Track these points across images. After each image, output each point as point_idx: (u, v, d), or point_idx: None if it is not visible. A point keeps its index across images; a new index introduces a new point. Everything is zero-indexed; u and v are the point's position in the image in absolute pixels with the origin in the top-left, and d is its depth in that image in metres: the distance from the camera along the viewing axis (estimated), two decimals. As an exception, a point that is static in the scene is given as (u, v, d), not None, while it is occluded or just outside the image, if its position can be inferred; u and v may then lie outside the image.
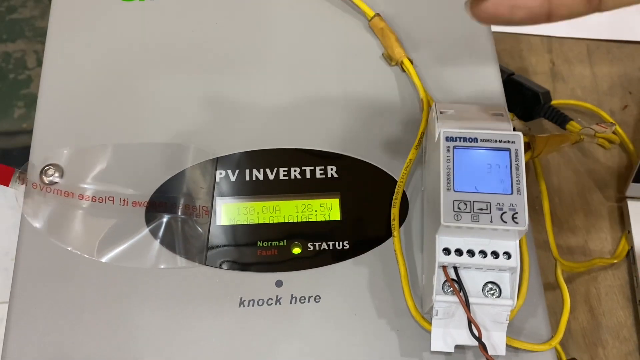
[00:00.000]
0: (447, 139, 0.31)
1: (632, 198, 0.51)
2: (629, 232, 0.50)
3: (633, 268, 0.49)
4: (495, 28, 0.43)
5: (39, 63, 1.29)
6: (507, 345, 0.32)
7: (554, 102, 0.53)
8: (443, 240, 0.31)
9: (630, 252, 0.49)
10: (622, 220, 0.51)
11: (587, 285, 0.49)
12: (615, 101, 0.57)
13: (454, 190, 0.30)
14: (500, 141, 0.31)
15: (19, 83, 1.30)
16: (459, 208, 0.30)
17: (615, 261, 0.49)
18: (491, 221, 0.30)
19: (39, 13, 1.38)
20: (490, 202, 0.30)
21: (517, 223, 0.30)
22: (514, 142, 0.31)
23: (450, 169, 0.31)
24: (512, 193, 0.30)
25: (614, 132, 0.41)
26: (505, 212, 0.30)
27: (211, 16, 0.44)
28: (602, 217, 0.52)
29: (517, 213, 0.30)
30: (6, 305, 0.34)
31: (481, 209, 0.30)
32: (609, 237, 0.51)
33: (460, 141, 0.31)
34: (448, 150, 0.31)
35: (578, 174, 0.53)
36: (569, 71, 0.58)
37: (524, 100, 0.52)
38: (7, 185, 0.35)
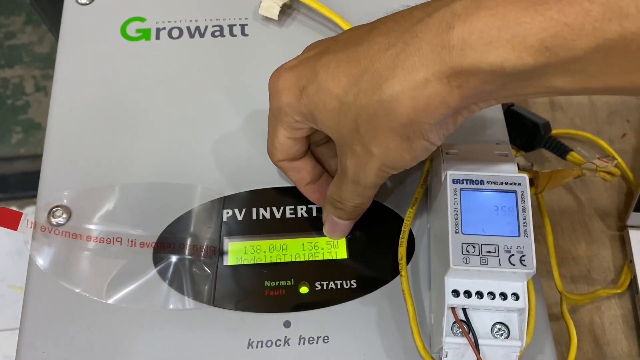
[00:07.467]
0: (454, 181, 0.32)
1: (634, 227, 0.52)
2: (631, 261, 0.50)
3: (636, 297, 0.49)
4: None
5: (37, 88, 1.30)
6: (516, 384, 0.32)
7: (553, 131, 0.53)
8: (452, 282, 0.31)
9: (633, 281, 0.50)
10: (624, 248, 0.52)
11: (591, 315, 0.49)
12: (614, 129, 0.57)
13: (462, 233, 0.31)
14: (506, 183, 0.32)
15: (17, 109, 1.30)
16: (468, 251, 0.30)
17: (619, 291, 0.49)
18: (499, 264, 0.30)
19: (37, 39, 1.38)
20: (498, 245, 0.30)
21: (525, 265, 0.30)
22: (520, 184, 0.32)
23: (457, 211, 0.31)
24: (519, 235, 0.30)
25: (615, 166, 0.41)
26: (513, 255, 0.30)
27: (216, 56, 0.44)
28: (604, 246, 0.52)
29: (524, 255, 0.30)
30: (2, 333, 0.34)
31: (489, 252, 0.30)
32: (611, 266, 0.51)
33: (466, 183, 0.32)
34: (455, 193, 0.31)
35: (579, 203, 0.53)
36: (568, 100, 0.59)
37: (524, 131, 0.53)
38: (16, 229, 0.35)
